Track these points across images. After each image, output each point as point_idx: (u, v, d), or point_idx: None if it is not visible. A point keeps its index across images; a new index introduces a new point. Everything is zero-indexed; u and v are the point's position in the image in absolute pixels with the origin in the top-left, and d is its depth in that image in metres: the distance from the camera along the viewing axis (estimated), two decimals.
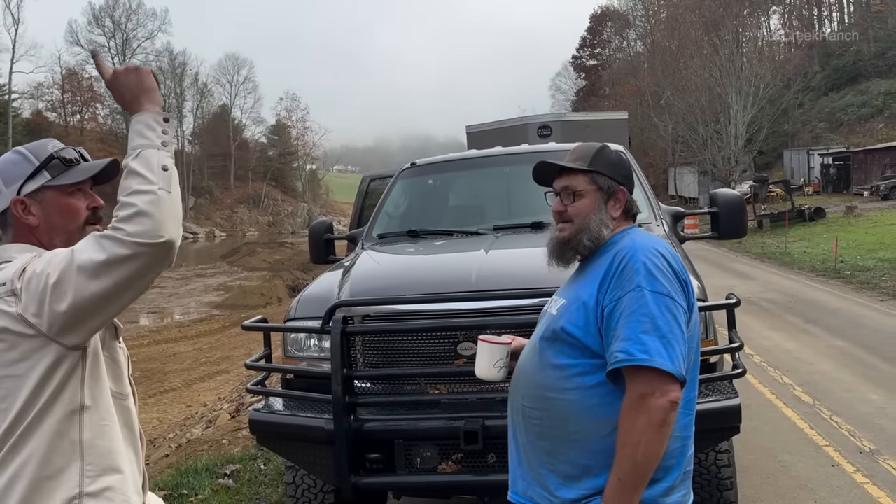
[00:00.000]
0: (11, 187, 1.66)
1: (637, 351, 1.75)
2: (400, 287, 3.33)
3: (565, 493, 1.88)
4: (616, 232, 2.01)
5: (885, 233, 21.07)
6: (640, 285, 1.81)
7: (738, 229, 4.43)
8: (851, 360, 7.86)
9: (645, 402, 1.74)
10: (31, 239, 1.67)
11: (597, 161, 2.03)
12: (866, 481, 4.66)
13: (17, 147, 1.74)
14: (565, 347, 1.91)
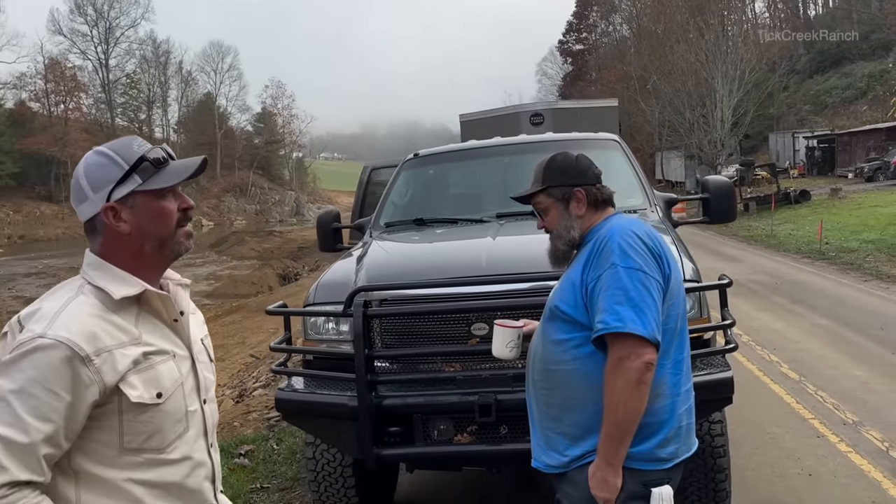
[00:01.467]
0: (99, 193, 1.56)
1: (612, 320, 1.99)
2: (414, 272, 3.53)
3: (573, 451, 2.14)
4: (595, 223, 2.27)
5: (868, 214, 21.43)
6: (615, 263, 2.06)
7: (728, 214, 4.65)
8: (836, 339, 8.15)
9: (622, 364, 1.99)
10: (121, 246, 1.58)
11: (546, 177, 2.32)
12: (850, 450, 4.93)
13: (100, 148, 1.61)
14: (561, 324, 2.17)
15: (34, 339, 1.44)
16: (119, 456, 1.52)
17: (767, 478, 4.56)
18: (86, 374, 1.45)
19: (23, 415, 1.40)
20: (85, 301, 1.52)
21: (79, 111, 74.52)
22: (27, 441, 1.40)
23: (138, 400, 1.51)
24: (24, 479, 1.40)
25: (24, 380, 1.41)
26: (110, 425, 1.50)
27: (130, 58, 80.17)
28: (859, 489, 4.35)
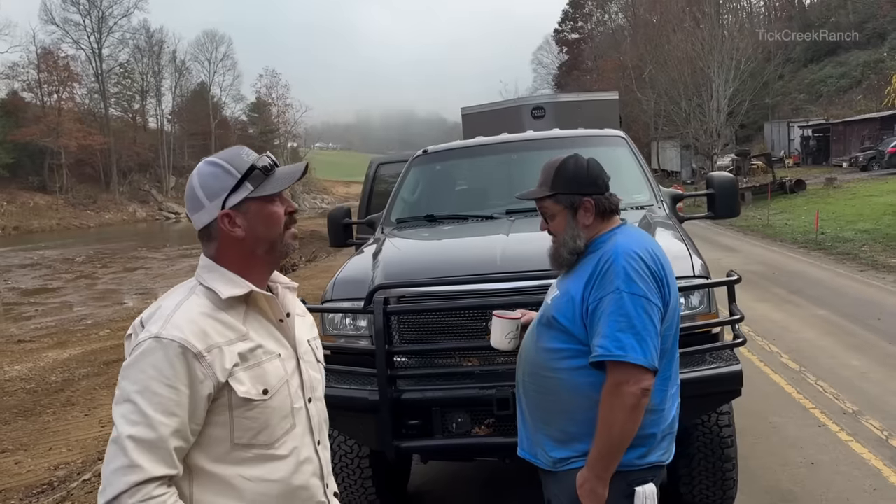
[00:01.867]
0: (215, 201, 1.65)
1: (614, 347, 2.05)
2: (431, 269, 3.62)
3: (557, 454, 2.24)
4: (600, 233, 2.29)
5: (863, 204, 21.58)
6: (619, 288, 2.09)
7: (733, 210, 4.76)
8: (834, 329, 8.28)
9: (620, 389, 2.05)
10: (235, 250, 1.67)
11: (556, 182, 2.30)
12: (850, 439, 5.06)
13: (212, 159, 1.71)
14: (557, 333, 2.23)
15: (150, 339, 1.54)
16: (230, 451, 1.60)
17: (771, 466, 4.69)
18: (199, 370, 1.54)
19: (149, 412, 1.49)
20: (196, 301, 1.62)
21: (72, 101, 74.06)
22: (157, 436, 1.49)
23: (245, 395, 1.59)
24: (159, 474, 1.49)
25: (146, 379, 1.51)
26: (222, 421, 1.59)
27: (124, 47, 79.76)
28: (860, 477, 4.48)
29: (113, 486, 1.47)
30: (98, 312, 20.64)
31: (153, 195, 75.18)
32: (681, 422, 3.38)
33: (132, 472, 1.46)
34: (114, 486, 1.47)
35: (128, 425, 1.49)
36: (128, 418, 1.49)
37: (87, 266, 33.34)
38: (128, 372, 1.54)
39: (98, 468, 7.73)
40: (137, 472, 1.46)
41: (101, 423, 10.06)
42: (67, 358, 14.37)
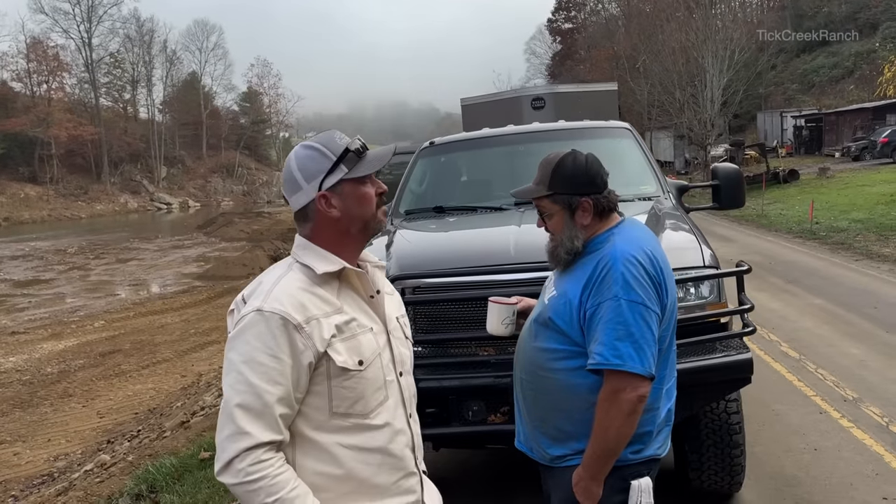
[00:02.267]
0: (312, 183, 1.73)
1: (612, 356, 2.05)
2: (445, 260, 3.65)
3: (553, 451, 2.27)
4: (599, 233, 2.26)
5: (856, 194, 21.73)
6: (617, 295, 2.07)
7: (737, 200, 4.82)
8: (831, 317, 8.38)
9: (617, 395, 2.06)
10: (330, 230, 1.75)
11: (554, 182, 2.26)
12: (851, 426, 5.15)
13: (308, 143, 1.78)
14: (553, 334, 2.23)
15: (252, 312, 1.63)
16: (329, 420, 1.69)
17: (775, 453, 4.77)
18: (300, 340, 1.63)
19: (255, 381, 1.59)
20: (294, 277, 1.71)
21: (62, 91, 73.70)
22: (263, 404, 1.59)
23: (343, 364, 1.67)
24: (266, 439, 1.58)
25: (250, 350, 1.61)
26: (321, 390, 1.68)
27: (114, 37, 79.27)
28: (862, 462, 4.56)
29: (225, 452, 1.57)
30: (92, 304, 20.59)
31: (144, 186, 74.84)
32: (691, 409, 3.47)
33: (241, 438, 1.56)
34: (226, 451, 1.57)
35: (235, 394, 1.59)
36: (235, 388, 1.59)
37: (79, 257, 33.21)
38: (233, 344, 1.63)
39: (99, 459, 7.77)
40: (246, 438, 1.56)
41: (99, 414, 10.09)
42: (63, 349, 14.36)
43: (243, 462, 1.56)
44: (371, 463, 1.72)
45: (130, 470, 5.56)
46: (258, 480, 1.56)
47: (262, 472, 1.56)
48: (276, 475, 1.57)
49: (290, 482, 1.60)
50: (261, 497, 1.56)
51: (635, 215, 4.02)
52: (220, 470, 1.59)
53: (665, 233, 3.79)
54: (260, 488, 1.55)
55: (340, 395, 1.69)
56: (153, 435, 8.04)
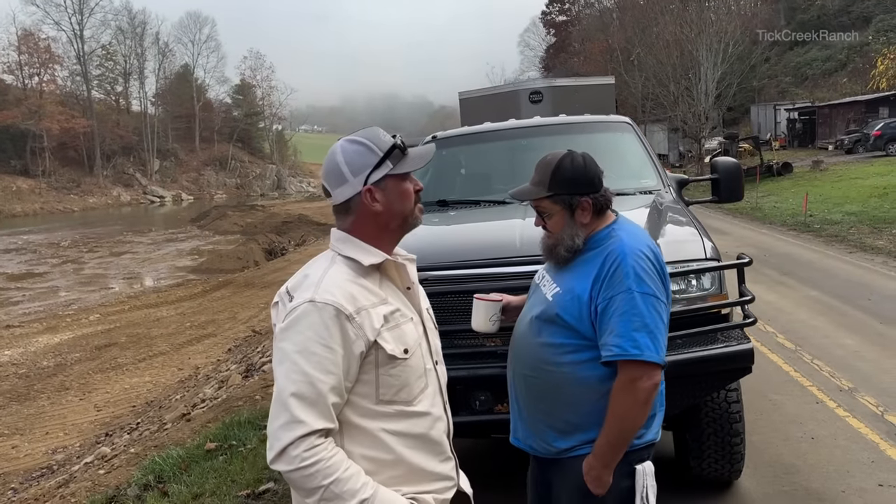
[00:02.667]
0: (359, 177, 1.77)
1: (630, 347, 2.12)
2: (452, 253, 3.70)
3: (561, 444, 2.31)
4: (597, 230, 2.32)
5: (850, 186, 21.88)
6: (631, 288, 2.15)
7: (736, 194, 4.88)
8: (826, 309, 8.48)
9: (634, 385, 2.13)
10: (371, 223, 1.80)
11: (554, 183, 2.32)
12: (847, 415, 5.24)
13: (354, 137, 1.82)
14: (560, 329, 2.27)
15: (305, 303, 1.68)
16: (375, 407, 1.74)
17: (773, 441, 4.85)
18: (351, 330, 1.68)
19: (309, 370, 1.63)
20: (339, 269, 1.76)
21: (54, 83, 73.30)
22: (316, 392, 1.63)
23: (392, 353, 1.73)
24: (319, 427, 1.63)
25: (304, 340, 1.65)
26: (369, 379, 1.73)
27: (106, 29, 78.77)
28: (858, 450, 4.65)
29: (279, 441, 1.61)
30: (86, 297, 20.56)
31: (137, 179, 74.53)
32: (694, 398, 3.53)
33: (296, 426, 1.61)
34: (280, 440, 1.61)
35: (290, 383, 1.63)
36: (289, 377, 1.63)
37: (72, 250, 33.12)
38: (286, 334, 1.67)
39: (100, 451, 7.80)
40: (301, 426, 1.61)
41: (96, 407, 10.11)
42: (58, 343, 14.35)
43: (298, 448, 1.60)
44: (415, 448, 1.78)
45: (137, 461, 5.61)
46: (314, 465, 1.61)
47: (317, 455, 1.61)
48: (331, 457, 1.63)
49: (344, 462, 1.65)
50: (317, 480, 1.61)
51: (637, 208, 4.10)
52: (275, 458, 1.62)
53: (667, 226, 3.84)
54: (317, 471, 1.61)
55: (387, 382, 1.74)
56: (153, 427, 8.07)
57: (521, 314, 2.53)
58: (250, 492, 4.35)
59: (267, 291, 18.02)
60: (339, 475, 1.63)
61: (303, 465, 1.60)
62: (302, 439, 1.61)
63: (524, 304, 2.56)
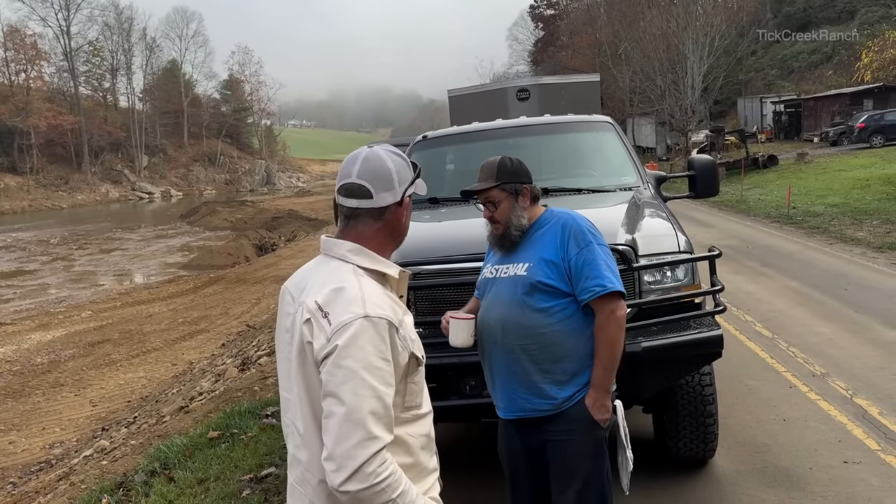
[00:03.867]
0: (402, 188, 1.83)
1: (607, 282, 2.64)
2: (443, 248, 3.92)
3: (563, 393, 2.71)
4: (538, 214, 2.83)
5: (833, 179, 22.21)
6: (590, 241, 2.70)
7: (712, 190, 5.14)
8: (804, 299, 8.76)
9: (614, 314, 2.65)
10: (389, 234, 1.86)
11: (501, 174, 2.82)
12: (818, 398, 5.52)
13: (396, 150, 1.88)
14: (544, 295, 2.70)
15: (360, 319, 1.67)
16: (401, 414, 1.78)
17: (747, 423, 5.12)
18: (398, 342, 1.72)
19: (376, 385, 1.64)
20: (369, 283, 1.77)
21: (41, 80, 72.74)
22: (384, 406, 1.66)
23: (420, 361, 1.82)
24: (389, 440, 1.66)
25: (367, 356, 1.65)
26: (400, 388, 1.76)
27: (93, 24, 78.28)
28: (827, 431, 4.93)
29: (355, 459, 1.60)
30: (77, 294, 20.61)
31: (126, 175, 74.20)
32: (669, 381, 3.78)
33: (372, 443, 1.61)
34: (356, 458, 1.60)
35: (362, 400, 1.62)
36: (359, 394, 1.62)
37: (62, 248, 33.04)
38: (347, 352, 1.64)
39: (99, 444, 7.96)
40: (376, 441, 1.62)
41: (91, 402, 10.26)
42: (51, 340, 14.45)
43: (373, 465, 1.61)
44: (425, 447, 1.86)
45: (142, 450, 5.81)
46: (386, 479, 1.62)
47: (388, 470, 1.63)
48: (396, 470, 1.66)
49: (404, 474, 1.69)
50: (387, 494, 1.62)
51: (617, 204, 4.34)
52: (348, 478, 1.60)
53: (644, 221, 4.08)
54: (388, 486, 1.62)
55: (411, 390, 1.79)
56: (152, 420, 8.23)
57: (485, 307, 2.88)
58: (253, 476, 4.57)
59: (258, 287, 18.16)
60: (404, 487, 1.66)
61: (377, 482, 1.61)
62: (376, 454, 1.62)
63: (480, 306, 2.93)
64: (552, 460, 2.76)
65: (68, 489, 5.87)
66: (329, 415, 1.65)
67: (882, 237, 12.76)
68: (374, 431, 1.62)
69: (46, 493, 6.65)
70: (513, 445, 2.88)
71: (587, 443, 2.70)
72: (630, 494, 3.93)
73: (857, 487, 4.12)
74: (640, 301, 3.63)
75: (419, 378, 1.84)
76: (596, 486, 2.73)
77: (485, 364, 2.91)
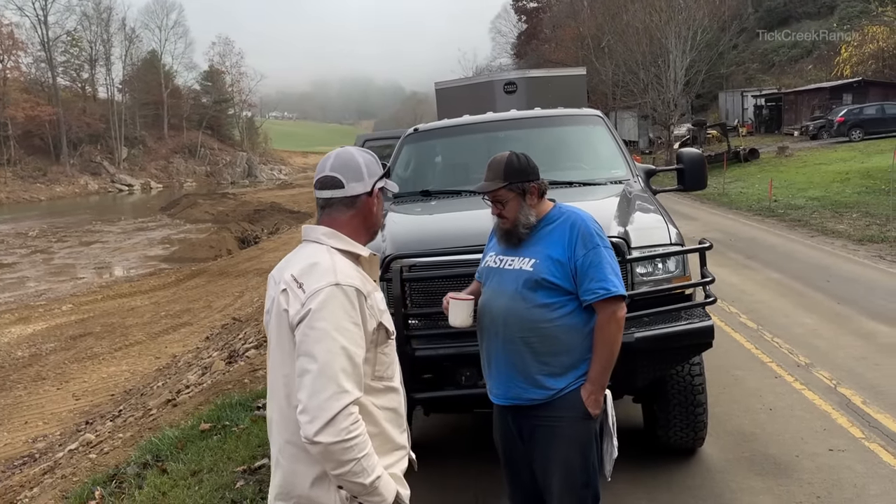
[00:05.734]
0: (371, 179, 2.05)
1: (611, 286, 2.71)
2: (438, 241, 3.94)
3: (558, 384, 2.78)
4: (546, 210, 2.87)
5: (813, 172, 22.48)
6: (598, 244, 2.76)
7: (700, 183, 5.20)
8: (787, 290, 8.89)
9: (615, 315, 2.74)
10: (362, 222, 2.06)
11: (508, 174, 2.84)
12: (803, 388, 5.63)
13: (364, 150, 2.12)
14: (547, 291, 2.76)
15: (331, 286, 1.87)
16: (371, 382, 1.96)
17: (734, 412, 5.21)
18: (366, 310, 1.92)
19: (347, 345, 1.84)
20: (342, 259, 1.98)
21: (17, 70, 71.49)
22: (354, 365, 1.85)
23: (390, 332, 1.99)
24: (358, 395, 1.85)
25: (337, 318, 1.85)
26: (370, 357, 1.95)
27: (70, 14, 77.32)
28: (812, 419, 5.03)
29: (328, 411, 1.78)
30: (57, 287, 20.40)
31: (105, 167, 73.25)
32: (660, 371, 3.84)
33: (343, 396, 1.79)
34: (329, 409, 1.78)
35: (334, 357, 1.81)
36: (332, 352, 1.81)
37: (41, 240, 32.63)
38: (320, 315, 1.84)
39: (84, 438, 7.92)
40: (346, 395, 1.80)
41: (74, 396, 10.19)
42: (32, 333, 14.31)
43: (346, 420, 1.78)
44: (391, 421, 2.03)
45: (132, 443, 5.79)
46: (355, 438, 1.79)
47: (359, 429, 1.80)
48: (365, 433, 1.83)
49: (369, 440, 1.85)
50: (354, 452, 1.79)
51: (608, 197, 4.39)
52: (322, 428, 1.76)
53: (635, 213, 4.13)
54: (355, 444, 1.79)
55: (381, 360, 1.98)
56: (138, 413, 8.20)
57: (488, 296, 2.93)
58: (246, 467, 4.58)
59: (241, 280, 18.08)
60: (369, 451, 1.83)
61: (348, 437, 1.77)
62: (347, 408, 1.79)
63: (482, 291, 3.00)
64: (543, 446, 2.83)
65: (59, 482, 5.84)
66: (303, 372, 1.81)
67: (862, 230, 12.96)
68: (346, 386, 1.80)
69: (32, 487, 6.61)
70: (507, 430, 2.94)
71: (578, 431, 2.78)
72: (620, 483, 4.02)
73: (843, 474, 4.22)
74: (632, 292, 3.67)
75: (389, 350, 2.03)
76: (584, 472, 2.80)
77: (483, 350, 2.96)
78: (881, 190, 16.85)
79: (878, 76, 38.39)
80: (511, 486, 3.03)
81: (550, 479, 2.82)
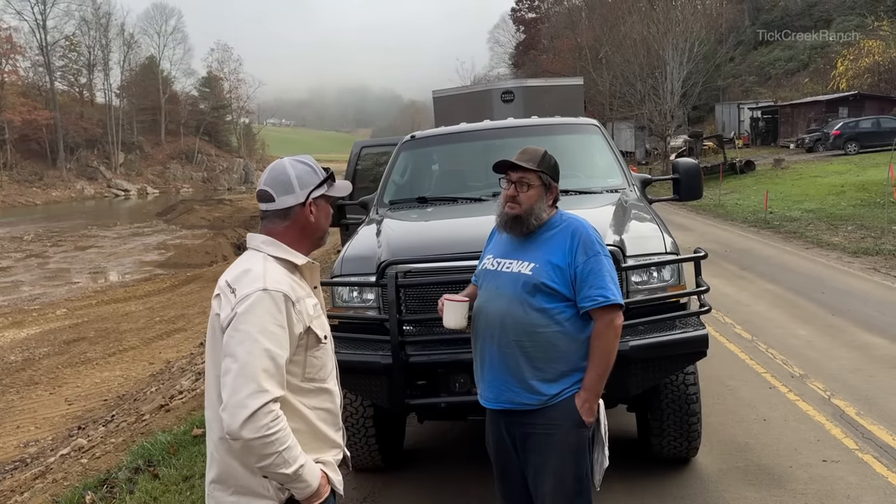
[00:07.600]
0: (304, 190, 2.08)
1: (610, 295, 2.71)
2: (433, 247, 3.95)
3: (551, 390, 2.76)
4: (553, 214, 2.85)
5: (809, 184, 22.57)
6: (598, 252, 2.76)
7: (696, 193, 5.21)
8: (782, 302, 8.91)
9: (612, 323, 2.73)
10: (301, 232, 2.11)
11: (543, 163, 2.84)
12: (797, 399, 5.63)
13: (300, 158, 2.15)
14: (546, 296, 2.74)
15: (259, 291, 1.95)
16: (300, 384, 2.05)
17: (728, 423, 5.21)
18: (294, 315, 1.98)
19: (270, 346, 1.91)
20: (274, 266, 2.05)
21: (15, 74, 71.56)
22: (276, 365, 1.91)
23: (320, 337, 2.08)
24: (278, 394, 1.92)
25: (262, 322, 1.92)
26: (299, 359, 2.04)
27: (69, 19, 77.08)
28: (806, 430, 5.03)
29: (247, 407, 1.85)
30: (52, 292, 20.35)
31: (101, 172, 73.24)
32: (654, 380, 3.84)
33: (262, 395, 1.87)
34: (248, 406, 1.85)
35: (255, 358, 1.88)
36: (253, 353, 1.88)
37: (36, 245, 32.58)
38: (245, 318, 1.92)
39: (76, 443, 7.88)
40: (266, 394, 1.87)
41: (67, 401, 10.14)
42: (25, 337, 14.26)
43: (266, 418, 1.86)
44: (325, 420, 2.12)
45: (124, 447, 5.76)
46: (276, 433, 1.87)
47: (279, 425, 1.88)
48: (285, 428, 1.90)
49: (292, 433, 1.93)
50: (275, 447, 1.87)
51: (604, 206, 4.40)
52: (242, 424, 1.84)
53: (631, 222, 4.14)
54: (276, 439, 1.87)
55: (312, 363, 2.06)
56: (131, 419, 8.16)
57: (484, 298, 2.90)
58: None
59: None
60: (290, 443, 1.91)
61: (267, 434, 1.85)
62: (267, 406, 1.86)
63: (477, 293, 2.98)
64: (535, 454, 2.81)
65: (49, 486, 5.80)
66: (226, 372, 1.90)
67: (857, 242, 13.00)
68: (265, 385, 1.87)
69: (23, 492, 6.57)
70: (499, 438, 2.92)
71: (571, 440, 2.76)
72: (613, 492, 4.01)
73: (836, 485, 4.21)
74: (627, 301, 3.66)
75: (321, 353, 2.10)
76: (577, 481, 2.79)
77: (476, 353, 2.94)
78: (876, 203, 16.93)
79: (874, 90, 38.64)
80: (503, 494, 3.01)
81: (543, 487, 2.80)
